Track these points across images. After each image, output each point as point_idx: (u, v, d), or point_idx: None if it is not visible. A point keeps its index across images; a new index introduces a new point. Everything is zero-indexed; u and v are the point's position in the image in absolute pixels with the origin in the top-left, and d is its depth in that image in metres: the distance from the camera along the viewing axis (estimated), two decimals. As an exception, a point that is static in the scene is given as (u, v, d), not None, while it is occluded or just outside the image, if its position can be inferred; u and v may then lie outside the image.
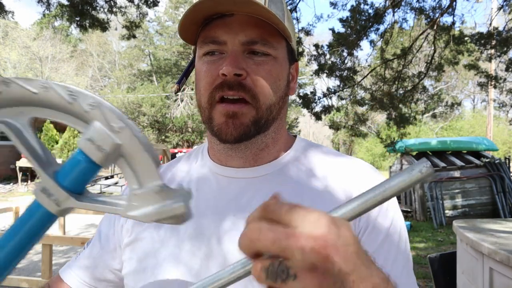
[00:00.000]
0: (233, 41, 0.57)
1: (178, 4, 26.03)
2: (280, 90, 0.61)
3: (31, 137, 0.38)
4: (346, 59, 6.11)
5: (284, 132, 0.67)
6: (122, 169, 0.37)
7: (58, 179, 0.37)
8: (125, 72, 29.50)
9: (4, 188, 12.70)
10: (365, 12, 5.91)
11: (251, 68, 0.57)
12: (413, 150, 8.33)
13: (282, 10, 0.61)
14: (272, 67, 0.59)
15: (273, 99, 0.60)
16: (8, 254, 0.37)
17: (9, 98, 0.36)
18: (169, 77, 26.03)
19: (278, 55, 0.60)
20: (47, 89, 0.35)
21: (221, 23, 0.58)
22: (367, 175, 0.65)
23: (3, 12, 4.82)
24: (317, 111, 6.14)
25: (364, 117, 6.52)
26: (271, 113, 0.60)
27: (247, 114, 0.58)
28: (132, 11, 6.14)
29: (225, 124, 0.58)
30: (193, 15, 0.57)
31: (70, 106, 0.35)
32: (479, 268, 2.21)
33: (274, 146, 0.65)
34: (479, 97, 30.81)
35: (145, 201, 0.36)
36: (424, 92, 6.54)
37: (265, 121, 0.60)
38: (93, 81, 37.23)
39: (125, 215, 0.36)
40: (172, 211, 0.35)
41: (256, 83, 0.57)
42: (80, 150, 0.36)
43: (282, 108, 0.63)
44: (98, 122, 0.35)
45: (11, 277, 4.24)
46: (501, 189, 7.40)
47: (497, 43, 5.66)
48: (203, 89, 0.60)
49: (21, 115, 0.38)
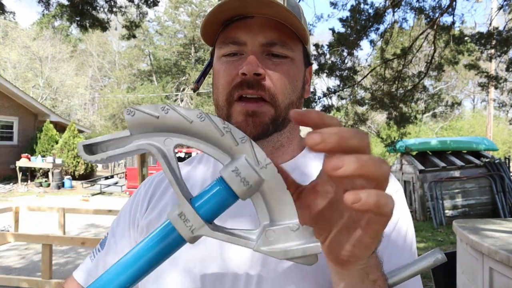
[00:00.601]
0: (253, 42, 0.59)
1: (178, 4, 26.02)
2: (297, 91, 0.62)
3: (175, 163, 0.39)
4: (346, 59, 6.12)
5: (298, 132, 0.69)
6: (256, 203, 0.37)
7: (195, 206, 0.37)
8: (125, 72, 29.50)
9: (4, 188, 12.70)
10: (365, 12, 5.91)
11: (269, 68, 0.59)
12: (413, 150, 8.33)
13: (299, 14, 0.63)
14: (289, 68, 0.60)
15: (291, 98, 0.61)
16: (135, 272, 0.38)
17: (166, 124, 0.37)
18: (169, 77, 26.04)
19: (295, 57, 0.61)
20: (203, 119, 0.36)
21: (242, 24, 0.59)
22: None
23: (4, 12, 4.82)
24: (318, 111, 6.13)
25: (364, 117, 6.52)
26: (288, 112, 0.59)
27: (266, 113, 0.59)
28: (132, 11, 6.14)
29: (245, 122, 0.59)
30: (216, 15, 0.58)
31: (221, 138, 0.37)
32: (479, 268, 2.21)
33: (289, 145, 0.66)
34: (479, 97, 30.81)
35: (281, 238, 0.36)
36: (425, 92, 6.54)
37: (282, 119, 0.61)
38: (93, 81, 37.22)
39: (258, 250, 0.37)
40: (307, 250, 0.36)
41: (275, 83, 0.59)
42: (222, 181, 0.37)
43: (300, 107, 0.64)
44: (245, 156, 0.36)
45: (11, 277, 4.24)
46: (501, 189, 7.40)
47: (497, 43, 5.66)
48: (222, 88, 0.61)
49: (169, 141, 0.39)
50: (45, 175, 14.18)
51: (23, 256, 5.41)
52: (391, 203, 0.32)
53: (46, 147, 14.77)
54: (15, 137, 14.98)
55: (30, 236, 4.54)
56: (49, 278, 4.04)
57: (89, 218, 8.07)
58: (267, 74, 0.58)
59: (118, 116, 24.34)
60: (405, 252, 0.61)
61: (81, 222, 7.83)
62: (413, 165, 8.05)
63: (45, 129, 14.98)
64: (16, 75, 26.71)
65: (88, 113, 36.44)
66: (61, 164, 14.11)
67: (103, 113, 29.55)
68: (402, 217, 0.63)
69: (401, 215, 0.63)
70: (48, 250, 4.01)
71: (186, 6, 26.22)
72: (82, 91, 31.55)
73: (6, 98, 14.33)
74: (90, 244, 4.83)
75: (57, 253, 5.52)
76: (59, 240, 4.60)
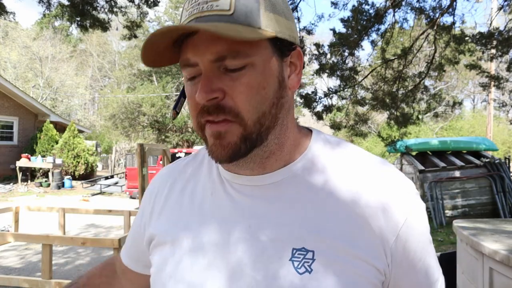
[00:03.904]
0: (202, 62, 0.53)
1: (178, 4, 26.02)
2: (268, 98, 0.54)
3: None
4: (347, 59, 6.12)
5: (292, 133, 0.60)
6: None
7: None
8: (125, 72, 29.47)
9: (4, 188, 12.69)
10: (366, 12, 5.91)
11: (227, 85, 0.52)
12: (413, 149, 8.33)
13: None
14: (250, 77, 0.52)
15: (261, 111, 0.54)
16: None
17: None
18: (169, 77, 26.01)
19: (255, 61, 0.53)
20: None
21: (190, 43, 0.53)
22: (396, 196, 0.57)
23: (5, 13, 4.82)
24: (319, 110, 6.15)
25: (365, 117, 6.52)
26: (262, 125, 0.54)
27: (234, 132, 0.53)
28: (132, 11, 6.14)
29: (214, 146, 0.55)
30: (163, 37, 0.51)
31: None
32: (479, 268, 2.21)
33: (281, 150, 0.59)
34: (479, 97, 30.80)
35: None
36: (426, 92, 6.54)
37: (257, 135, 0.54)
38: (93, 81, 37.21)
39: None
40: None
41: (236, 100, 0.52)
42: None
43: (278, 113, 0.56)
44: None
45: (11, 277, 4.24)
46: (501, 189, 7.40)
47: (498, 43, 5.66)
48: (191, 115, 0.58)
49: None
50: (45, 175, 14.18)
51: (23, 256, 5.41)
52: None
53: (46, 147, 14.77)
54: (15, 137, 14.99)
55: (30, 236, 4.54)
56: (49, 278, 4.04)
57: (89, 218, 8.07)
58: (226, 92, 0.52)
59: (118, 116, 24.31)
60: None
61: (81, 222, 7.83)
62: (413, 165, 8.05)
63: (45, 129, 14.98)
64: (16, 75, 26.70)
65: (88, 113, 36.44)
66: (61, 164, 14.11)
67: (103, 113, 29.54)
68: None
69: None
70: (48, 250, 4.01)
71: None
72: (82, 91, 31.55)
73: (6, 98, 14.34)
74: (90, 244, 4.83)
75: (57, 253, 5.52)
76: (59, 240, 4.60)
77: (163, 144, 21.36)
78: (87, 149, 15.62)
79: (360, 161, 0.60)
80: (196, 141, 25.14)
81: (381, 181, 0.57)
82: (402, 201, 0.56)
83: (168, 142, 24.32)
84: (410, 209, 0.56)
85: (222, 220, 0.59)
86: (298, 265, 0.52)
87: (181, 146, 24.59)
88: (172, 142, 24.25)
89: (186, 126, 24.88)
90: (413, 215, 0.56)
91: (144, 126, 25.03)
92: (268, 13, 0.53)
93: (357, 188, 0.56)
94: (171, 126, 24.64)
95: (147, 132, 25.58)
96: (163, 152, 5.10)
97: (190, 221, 0.61)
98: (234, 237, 0.57)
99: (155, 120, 24.50)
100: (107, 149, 26.25)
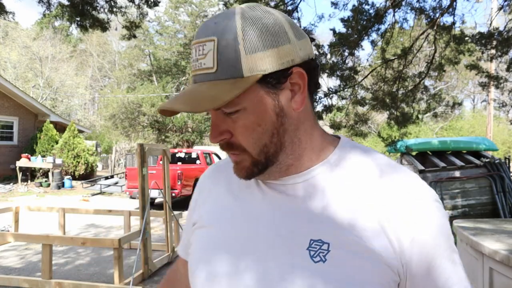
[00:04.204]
0: (210, 110, 0.61)
1: (178, 4, 26.01)
2: (265, 132, 0.60)
3: None
4: (347, 59, 6.11)
5: (309, 143, 0.65)
6: None
7: None
8: (125, 72, 29.47)
9: (4, 188, 12.69)
10: (366, 12, 5.91)
11: (230, 126, 0.61)
12: (413, 150, 8.32)
13: (236, 42, 0.56)
14: (245, 120, 0.60)
15: (261, 144, 0.61)
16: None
17: None
18: (169, 77, 26.01)
19: (246, 106, 0.59)
20: None
21: None
22: (415, 210, 0.59)
23: (4, 12, 4.82)
24: (319, 110, 6.14)
25: (365, 117, 6.52)
26: (267, 153, 0.62)
27: (245, 161, 0.63)
28: (132, 11, 6.14)
29: (235, 168, 0.66)
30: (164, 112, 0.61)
31: None
32: (479, 268, 2.21)
33: (300, 160, 0.65)
34: (479, 97, 30.80)
35: None
36: (426, 92, 6.54)
37: (265, 160, 0.62)
38: (93, 81, 37.22)
39: None
40: None
41: (239, 138, 0.61)
42: None
43: (282, 138, 0.62)
44: None
45: (11, 277, 4.24)
46: (501, 189, 7.40)
47: (498, 43, 5.66)
48: None
49: None
50: (45, 175, 14.18)
51: (23, 256, 5.41)
52: None
53: (46, 147, 14.77)
54: (15, 137, 14.99)
55: (30, 236, 4.54)
56: (49, 278, 4.04)
57: (89, 218, 8.07)
58: (232, 132, 0.62)
59: (118, 116, 24.30)
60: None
61: (81, 222, 7.83)
62: (413, 165, 8.04)
63: (45, 129, 14.98)
64: (16, 75, 26.70)
65: (88, 113, 36.45)
66: (61, 164, 14.11)
67: (103, 113, 29.53)
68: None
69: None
70: (48, 250, 4.01)
71: (186, 6, 26.19)
72: (82, 91, 31.55)
73: (6, 98, 14.34)
74: (90, 244, 4.84)
75: (57, 253, 5.52)
76: (59, 240, 4.60)
77: (163, 144, 21.35)
78: (87, 149, 15.61)
79: (382, 166, 0.64)
80: (196, 141, 25.14)
81: (402, 186, 0.61)
82: (421, 207, 0.59)
83: (168, 142, 24.31)
84: (428, 215, 0.59)
85: (252, 211, 0.66)
86: (314, 254, 0.58)
87: (181, 146, 24.58)
88: (172, 142, 24.24)
89: (186, 126, 24.88)
90: (431, 222, 0.59)
91: (144, 126, 25.02)
92: (250, 56, 0.56)
93: (377, 191, 0.61)
94: (171, 126, 24.63)
95: (147, 132, 25.56)
96: (163, 152, 5.10)
97: (226, 210, 0.70)
98: (261, 226, 0.64)
99: (155, 120, 24.49)
100: (107, 149, 26.25)
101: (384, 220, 0.58)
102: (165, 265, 4.95)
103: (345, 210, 0.59)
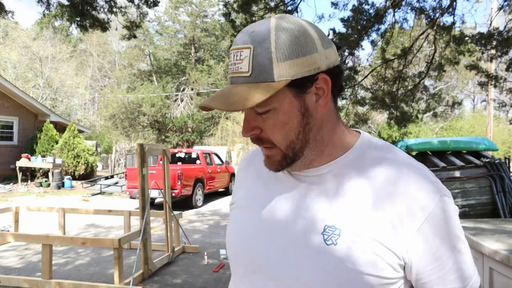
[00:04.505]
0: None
1: (178, 4, 26.00)
2: (292, 130, 0.69)
3: None
4: (347, 59, 6.11)
5: (330, 140, 0.74)
6: None
7: None
8: (125, 72, 29.45)
9: (4, 188, 12.69)
10: (366, 12, 5.90)
11: (262, 124, 0.70)
12: (413, 149, 8.32)
13: (269, 51, 0.64)
14: (274, 119, 0.68)
15: (288, 140, 0.70)
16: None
17: None
18: (169, 77, 25.99)
19: (276, 106, 0.67)
20: None
21: None
22: (424, 203, 0.66)
23: (3, 12, 4.82)
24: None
25: (365, 117, 6.51)
26: (294, 148, 0.70)
27: (276, 155, 0.72)
28: (132, 11, 6.14)
29: (266, 161, 0.75)
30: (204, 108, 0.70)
31: None
32: (479, 268, 2.21)
33: (322, 155, 0.73)
34: (479, 97, 30.80)
35: None
36: (425, 91, 6.53)
37: (292, 154, 0.71)
38: (93, 81, 37.21)
39: None
40: None
41: (269, 134, 0.70)
42: None
43: (307, 135, 0.70)
44: None
45: (11, 277, 4.24)
46: (501, 189, 7.40)
47: (498, 43, 5.66)
48: None
49: None
50: (45, 175, 14.18)
51: (23, 256, 5.41)
52: None
53: (46, 147, 14.76)
54: (15, 137, 14.98)
55: (30, 236, 4.54)
56: (49, 278, 4.04)
57: (89, 218, 8.07)
58: (262, 128, 0.70)
59: (118, 116, 24.29)
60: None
61: (81, 222, 7.83)
62: (413, 165, 8.04)
63: (45, 129, 14.98)
64: (16, 75, 26.70)
65: (88, 113, 36.44)
66: (61, 164, 14.11)
67: (103, 113, 29.53)
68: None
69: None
70: (48, 250, 4.01)
71: (186, 6, 26.17)
72: (82, 91, 31.55)
73: (6, 98, 14.34)
74: (90, 244, 4.83)
75: (57, 253, 5.52)
76: (59, 240, 4.60)
77: (163, 144, 21.35)
78: (87, 149, 15.61)
79: (397, 162, 0.71)
80: (196, 141, 25.14)
81: (414, 181, 0.67)
82: (430, 201, 0.65)
83: (168, 142, 24.32)
84: (436, 209, 0.65)
85: (280, 198, 0.76)
86: (327, 238, 0.66)
87: (181, 146, 24.58)
88: (172, 142, 24.24)
89: (186, 126, 24.88)
90: (439, 214, 0.65)
91: (144, 126, 25.02)
92: (281, 63, 0.65)
93: (390, 185, 0.68)
94: (171, 126, 24.63)
95: (147, 132, 25.57)
96: (163, 152, 5.10)
97: (257, 195, 0.80)
98: (286, 212, 0.73)
99: (155, 120, 24.50)
100: (107, 149, 26.24)
101: (394, 212, 0.65)
102: (165, 265, 4.94)
103: (358, 201, 0.67)
